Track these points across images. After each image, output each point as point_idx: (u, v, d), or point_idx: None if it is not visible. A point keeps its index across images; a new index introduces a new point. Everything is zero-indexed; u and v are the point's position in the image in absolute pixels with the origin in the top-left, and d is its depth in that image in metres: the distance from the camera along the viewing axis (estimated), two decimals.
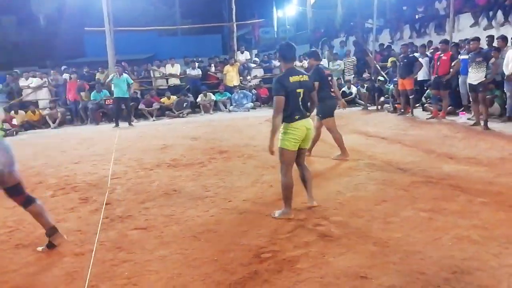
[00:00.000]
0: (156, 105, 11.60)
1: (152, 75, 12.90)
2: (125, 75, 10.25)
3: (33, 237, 3.41)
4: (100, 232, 3.44)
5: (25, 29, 23.15)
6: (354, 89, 11.70)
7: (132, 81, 10.53)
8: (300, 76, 3.51)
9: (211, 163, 5.78)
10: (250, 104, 12.36)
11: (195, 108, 12.32)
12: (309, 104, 3.64)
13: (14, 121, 10.30)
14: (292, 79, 3.45)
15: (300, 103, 3.51)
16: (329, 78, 5.68)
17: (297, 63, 13.53)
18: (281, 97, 3.40)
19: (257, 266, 2.74)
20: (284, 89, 3.40)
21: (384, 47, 13.62)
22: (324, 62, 12.76)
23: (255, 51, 16.94)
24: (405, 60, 8.97)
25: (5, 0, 20.92)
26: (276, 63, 13.85)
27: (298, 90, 3.47)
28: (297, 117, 3.49)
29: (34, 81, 11.70)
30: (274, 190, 4.36)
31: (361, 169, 5.00)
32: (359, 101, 11.46)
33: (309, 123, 3.60)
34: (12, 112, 10.65)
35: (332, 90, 5.68)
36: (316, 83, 5.15)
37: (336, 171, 5.03)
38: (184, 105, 11.94)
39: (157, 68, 12.87)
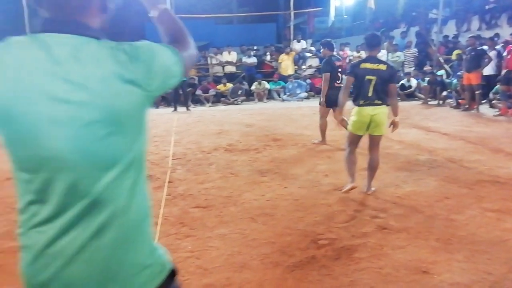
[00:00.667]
0: (212, 92, 11.91)
1: (209, 62, 13.22)
2: None
3: None
4: (164, 207, 3.65)
5: None
6: (414, 82, 11.22)
7: None
8: (376, 64, 3.60)
9: (265, 150, 5.87)
10: (304, 94, 12.29)
11: (249, 96, 12.48)
12: (386, 95, 3.68)
13: None
14: (364, 65, 3.61)
15: (370, 90, 3.58)
16: (339, 70, 5.85)
17: (354, 53, 13.21)
18: (349, 77, 3.71)
19: (314, 251, 2.79)
20: (353, 72, 3.67)
21: (449, 39, 12.88)
22: (383, 54, 12.37)
23: (309, 41, 16.73)
24: (473, 53, 8.46)
25: None
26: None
27: (368, 77, 3.56)
28: (361, 102, 3.65)
29: None
30: (330, 180, 4.37)
31: (421, 164, 4.84)
32: (419, 94, 10.99)
33: (376, 111, 3.63)
34: None
35: (338, 82, 5.79)
36: (327, 74, 5.71)
37: (395, 164, 4.91)
38: (239, 93, 12.13)
39: (215, 55, 13.17)
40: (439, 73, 10.40)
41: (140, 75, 0.89)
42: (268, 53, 13.89)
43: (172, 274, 1.04)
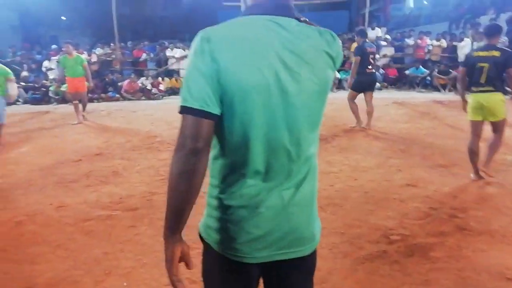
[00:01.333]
0: None
1: None
2: None
3: None
4: None
5: (170, 4, 25.69)
6: None
7: None
8: (489, 51, 3.64)
9: (335, 140, 5.76)
10: (377, 85, 11.78)
11: None
12: (502, 80, 3.74)
13: (161, 87, 11.71)
14: (477, 53, 3.75)
15: (482, 77, 3.64)
16: (371, 56, 6.22)
17: (434, 42, 12.36)
18: (462, 68, 3.97)
19: (386, 246, 2.71)
20: (465, 62, 3.88)
21: None
22: (466, 42, 11.42)
23: (384, 29, 15.93)
24: None
25: None
26: (409, 41, 12.86)
27: (481, 64, 3.63)
28: (474, 89, 3.78)
29: (178, 52, 13.02)
30: (403, 174, 4.18)
31: (509, 165, 4.43)
32: (508, 88, 9.98)
33: (488, 98, 3.68)
34: (160, 78, 12.16)
35: (369, 68, 6.24)
36: (357, 58, 6.16)
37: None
38: None
39: None
40: None
41: (335, 54, 1.06)
42: (340, 41, 13.49)
43: None
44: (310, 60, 1.00)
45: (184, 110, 0.94)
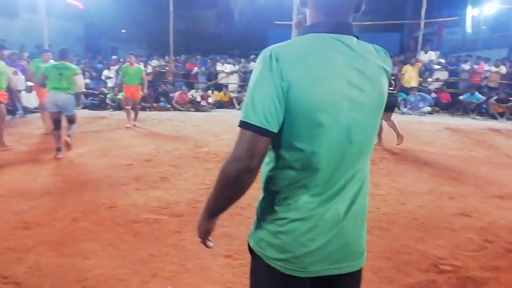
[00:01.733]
0: None
1: None
2: None
3: None
4: None
5: (222, 21, 26.59)
6: None
7: None
8: None
9: (382, 163, 5.62)
10: (428, 108, 11.41)
11: None
12: None
13: (210, 99, 12.06)
14: None
15: None
16: (393, 77, 6.52)
17: (493, 68, 11.82)
18: None
19: (435, 275, 2.58)
20: None
21: None
22: None
23: (437, 52, 15.45)
24: None
25: None
26: (465, 66, 12.36)
27: None
28: None
29: (228, 67, 13.40)
30: (455, 203, 3.99)
31: None
32: None
33: None
34: (209, 91, 12.54)
35: (391, 88, 6.10)
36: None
37: None
38: None
39: None
40: None
41: (388, 68, 1.09)
42: None
43: None
44: (371, 76, 1.03)
45: (244, 125, 0.96)
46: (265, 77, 0.96)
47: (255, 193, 1.13)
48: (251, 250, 1.15)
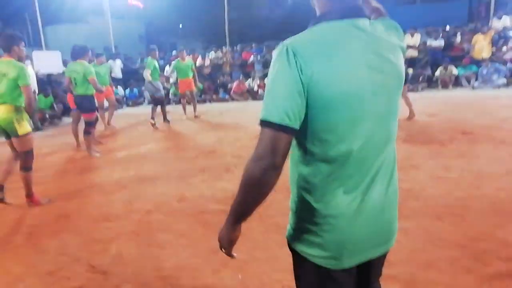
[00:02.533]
0: None
1: None
2: None
3: (287, 186, 3.99)
4: None
5: (275, 5, 26.30)
6: None
7: None
8: None
9: (452, 144, 5.27)
10: (503, 80, 10.41)
11: (431, 82, 11.34)
12: None
13: None
14: None
15: None
16: None
17: None
18: None
19: None
20: None
21: None
22: None
23: None
24: None
25: None
26: None
27: None
28: None
29: None
30: None
31: None
32: None
33: None
34: (266, 79, 12.58)
35: None
36: None
37: None
38: (420, 79, 11.17)
39: None
40: None
41: (403, 43, 1.10)
42: (458, 33, 12.24)
43: None
44: (389, 57, 1.03)
45: (265, 123, 0.96)
46: (284, 73, 0.95)
47: None
48: (293, 250, 1.16)
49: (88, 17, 22.61)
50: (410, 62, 11.89)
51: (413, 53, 12.17)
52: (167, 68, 13.19)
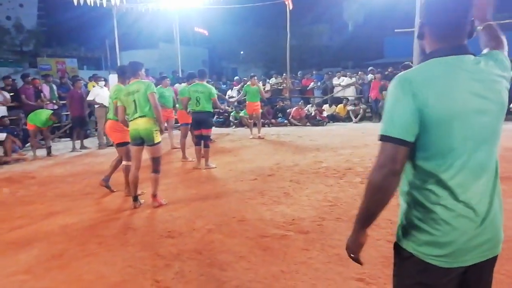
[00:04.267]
0: None
1: None
2: None
3: (350, 215, 3.87)
4: None
5: (336, 34, 26.44)
6: None
7: None
8: None
9: None
10: None
11: None
12: None
13: (324, 113, 12.04)
14: None
15: None
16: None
17: None
18: None
19: None
20: None
21: None
22: None
23: None
24: None
25: (322, 11, 24.58)
26: None
27: None
28: None
29: (345, 80, 13.23)
30: None
31: None
32: None
33: None
34: (326, 105, 12.55)
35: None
36: None
37: None
38: None
39: None
40: None
41: (506, 73, 1.26)
42: None
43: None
44: (491, 85, 1.20)
45: (385, 138, 1.18)
46: (401, 98, 1.18)
47: (382, 213, 1.23)
48: (399, 248, 1.30)
49: (159, 44, 24.26)
50: None
51: None
52: (229, 92, 13.65)
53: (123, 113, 4.48)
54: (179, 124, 7.68)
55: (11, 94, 9.69)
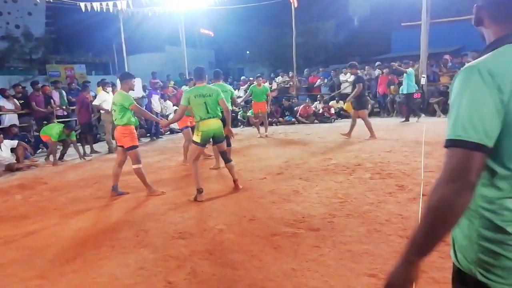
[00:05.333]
0: None
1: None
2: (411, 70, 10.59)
3: (360, 211, 3.85)
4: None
5: (341, 30, 26.28)
6: None
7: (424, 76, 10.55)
8: None
9: None
10: None
11: None
12: None
13: (332, 110, 12.00)
14: None
15: None
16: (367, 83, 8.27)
17: None
18: None
19: None
20: None
21: None
22: None
23: None
24: None
25: (327, 7, 24.45)
26: None
27: None
28: None
29: (352, 76, 13.13)
30: None
31: None
32: None
33: None
34: (333, 102, 12.50)
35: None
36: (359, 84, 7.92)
37: None
38: None
39: (473, 60, 11.65)
40: None
41: None
42: None
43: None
44: None
45: (457, 143, 0.96)
46: (481, 93, 0.96)
47: (393, 208, 1.10)
48: (462, 275, 1.10)
49: (165, 47, 24.40)
50: None
51: None
52: (235, 92, 13.65)
53: (183, 114, 5.06)
54: (180, 129, 7.66)
55: (22, 101, 9.85)
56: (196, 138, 4.77)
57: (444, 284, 2.43)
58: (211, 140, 4.96)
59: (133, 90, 5.28)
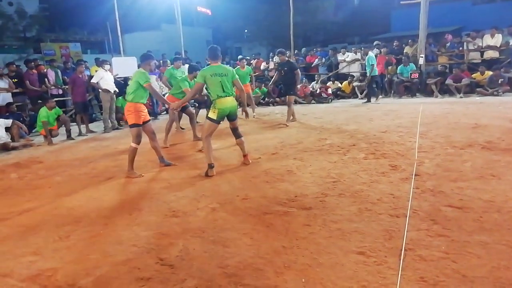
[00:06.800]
0: (465, 81, 10.53)
1: (465, 48, 11.66)
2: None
3: (352, 190, 3.88)
4: (412, 200, 3.51)
5: (341, 9, 25.81)
6: None
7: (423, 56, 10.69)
8: None
9: None
10: None
11: None
12: None
13: (329, 90, 11.91)
14: None
15: None
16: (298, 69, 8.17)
17: None
18: None
19: None
20: None
21: None
22: None
23: None
24: None
25: None
26: None
27: None
28: None
29: (350, 56, 13.02)
30: None
31: None
32: None
33: None
34: (330, 82, 12.40)
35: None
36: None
37: None
38: (500, 82, 10.24)
39: (472, 40, 11.50)
40: None
41: None
42: None
43: None
44: None
45: None
46: None
47: (385, 187, 1.09)
48: None
49: (161, 25, 24.00)
50: (489, 64, 11.01)
51: (494, 54, 11.25)
52: None
53: (197, 91, 5.09)
54: (166, 108, 7.74)
55: (16, 80, 9.74)
56: (212, 115, 4.86)
57: (431, 262, 2.47)
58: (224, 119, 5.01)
59: (153, 71, 5.49)
